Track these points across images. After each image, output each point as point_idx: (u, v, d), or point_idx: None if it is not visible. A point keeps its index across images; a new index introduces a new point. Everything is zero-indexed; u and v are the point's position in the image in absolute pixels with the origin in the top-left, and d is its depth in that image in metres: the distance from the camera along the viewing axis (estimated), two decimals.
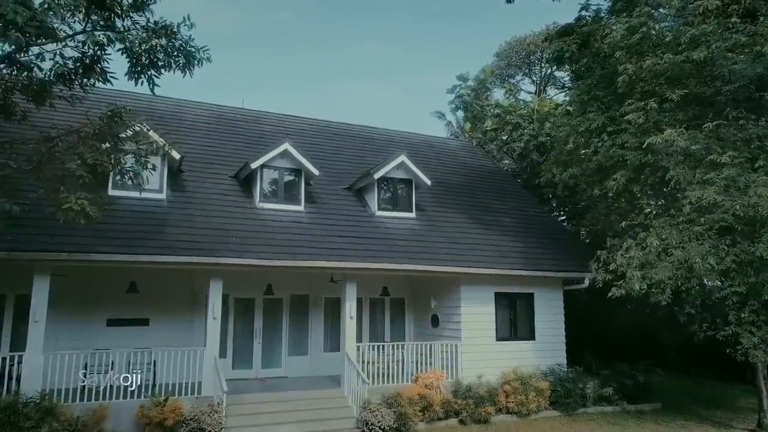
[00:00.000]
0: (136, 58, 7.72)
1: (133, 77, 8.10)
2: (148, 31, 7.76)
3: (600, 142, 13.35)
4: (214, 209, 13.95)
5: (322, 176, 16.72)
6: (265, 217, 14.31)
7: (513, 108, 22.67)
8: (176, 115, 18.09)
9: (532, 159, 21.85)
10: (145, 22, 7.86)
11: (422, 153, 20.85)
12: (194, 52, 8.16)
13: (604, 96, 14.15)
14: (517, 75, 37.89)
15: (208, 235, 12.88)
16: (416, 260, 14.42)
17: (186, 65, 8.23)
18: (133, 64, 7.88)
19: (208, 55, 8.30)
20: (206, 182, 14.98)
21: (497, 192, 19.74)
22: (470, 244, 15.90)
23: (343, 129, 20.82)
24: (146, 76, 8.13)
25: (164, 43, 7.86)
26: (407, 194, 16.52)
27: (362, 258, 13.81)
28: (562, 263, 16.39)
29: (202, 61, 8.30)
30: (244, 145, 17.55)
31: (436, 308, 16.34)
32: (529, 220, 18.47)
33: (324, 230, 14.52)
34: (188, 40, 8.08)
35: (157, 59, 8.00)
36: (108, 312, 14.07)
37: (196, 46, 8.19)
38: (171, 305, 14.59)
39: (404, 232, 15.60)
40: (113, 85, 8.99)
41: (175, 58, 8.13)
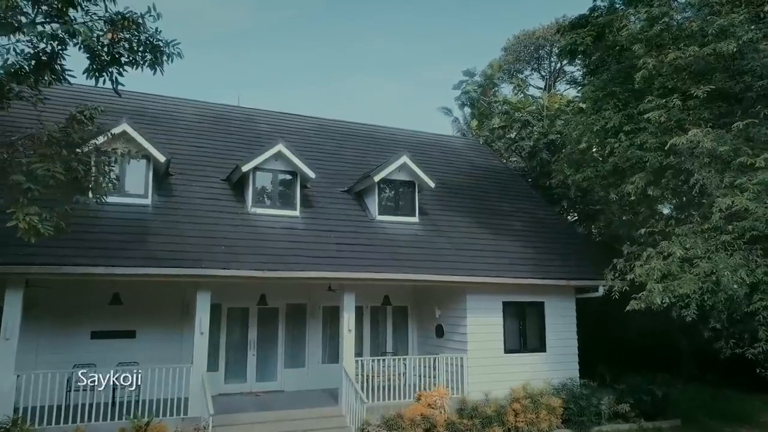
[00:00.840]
0: (94, 54, 6.82)
1: (93, 75, 7.20)
2: (108, 23, 6.85)
3: (617, 142, 12.36)
4: (203, 215, 13.09)
5: (320, 178, 15.82)
6: (258, 224, 13.42)
7: (522, 104, 21.67)
8: (169, 114, 17.23)
9: (541, 158, 20.86)
10: (104, 12, 6.95)
11: (426, 152, 19.90)
12: (162, 47, 7.25)
13: (621, 92, 13.13)
14: (526, 70, 36.85)
15: (194, 244, 12.02)
16: (419, 269, 13.51)
17: (154, 61, 7.33)
18: (91, 61, 7.00)
19: (179, 50, 7.37)
20: (196, 186, 14.11)
21: (505, 193, 18.77)
22: (477, 251, 14.96)
23: (344, 127, 19.90)
24: (108, 74, 7.22)
25: (127, 37, 6.94)
26: (410, 197, 15.59)
27: (361, 267, 12.92)
28: (574, 270, 15.42)
29: (173, 57, 7.40)
30: (239, 145, 16.67)
31: (440, 318, 15.42)
32: (539, 223, 17.50)
33: (321, 237, 13.62)
34: (155, 33, 7.16)
35: (120, 54, 7.09)
36: (92, 324, 13.27)
37: (165, 40, 7.28)
38: (159, 316, 13.77)
39: (406, 238, 14.69)
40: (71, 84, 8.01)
41: (140, 54, 7.22)
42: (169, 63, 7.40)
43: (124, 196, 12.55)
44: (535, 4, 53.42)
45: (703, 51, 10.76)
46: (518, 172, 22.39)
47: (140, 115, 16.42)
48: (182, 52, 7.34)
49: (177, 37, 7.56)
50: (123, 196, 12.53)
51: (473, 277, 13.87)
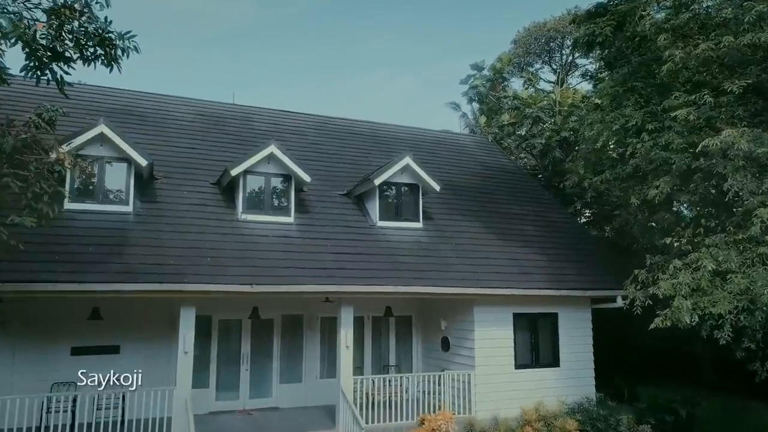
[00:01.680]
0: (32, 49, 5.83)
1: (33, 73, 6.20)
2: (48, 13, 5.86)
3: (639, 142, 11.25)
4: (189, 223, 12.12)
5: (317, 181, 14.83)
6: (248, 232, 12.45)
7: (533, 100, 20.53)
8: (158, 113, 16.26)
9: (554, 156, 19.72)
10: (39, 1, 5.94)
11: (431, 151, 18.84)
12: (114, 39, 6.24)
13: (643, 88, 12.01)
14: (536, 63, 35.59)
15: (178, 256, 11.06)
16: (423, 280, 12.50)
17: (107, 57, 6.33)
18: (29, 57, 6.00)
19: (135, 43, 6.36)
20: (183, 190, 13.15)
21: (516, 195, 17.68)
22: (485, 258, 13.92)
23: (345, 125, 18.85)
24: (50, 71, 6.22)
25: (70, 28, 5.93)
26: (413, 201, 14.55)
27: (360, 279, 11.93)
28: (590, 279, 14.35)
29: (128, 51, 6.39)
30: (233, 145, 15.68)
31: (446, 330, 14.41)
32: (553, 227, 16.40)
33: (316, 245, 12.63)
34: (104, 23, 6.14)
35: (64, 49, 6.09)
36: (72, 339, 12.38)
37: (117, 32, 6.27)
38: (145, 330, 12.86)
39: (409, 245, 13.66)
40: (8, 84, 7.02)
41: (89, 48, 6.21)
42: (124, 59, 6.42)
43: (101, 204, 11.63)
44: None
45: (739, 41, 9.62)
46: (529, 171, 21.27)
47: (127, 115, 15.54)
48: (139, 46, 6.33)
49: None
50: (101, 204, 11.62)
51: (481, 288, 12.84)
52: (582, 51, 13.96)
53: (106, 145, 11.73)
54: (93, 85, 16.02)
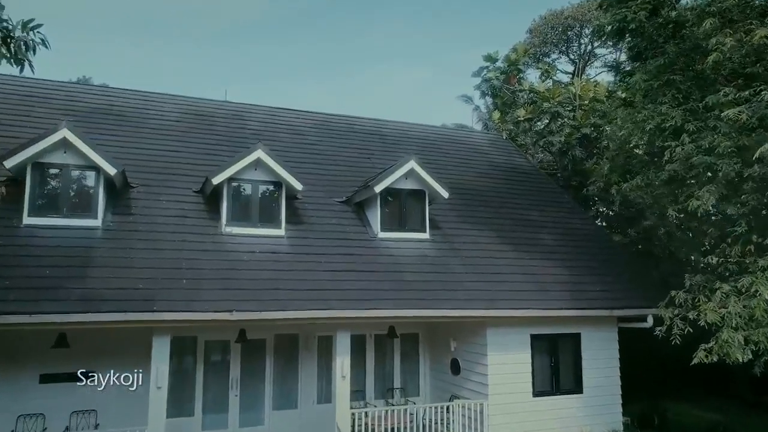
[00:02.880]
0: None
1: None
2: None
3: (679, 145, 9.70)
4: (165, 238, 10.79)
5: (314, 186, 13.48)
6: (232, 247, 11.09)
7: (550, 93, 18.96)
8: (140, 111, 14.91)
9: (574, 155, 18.15)
10: None
11: (440, 150, 17.35)
12: (10, 29, 4.88)
13: (681, 81, 10.44)
14: (553, 53, 33.86)
15: (149, 278, 9.74)
16: (429, 301, 11.09)
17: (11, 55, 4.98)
18: None
19: (42, 37, 5.02)
20: (162, 200, 11.81)
21: (533, 199, 16.15)
22: (499, 274, 12.47)
23: (346, 123, 17.40)
24: None
25: None
26: (419, 209, 13.10)
27: (359, 302, 10.55)
28: (617, 296, 12.84)
29: (35, 47, 5.05)
30: (221, 147, 14.33)
31: (456, 351, 13.00)
32: (574, 235, 14.88)
33: (309, 262, 11.26)
34: None
35: None
36: (41, 366, 11.14)
37: (11, 23, 4.89)
38: (122, 354, 11.51)
39: (415, 260, 12.24)
40: None
41: None
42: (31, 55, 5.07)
43: (65, 217, 10.32)
44: None
45: None
46: (546, 170, 19.71)
47: (105, 114, 14.25)
48: (47, 40, 4.97)
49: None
50: (64, 217, 10.32)
51: (495, 310, 11.40)
52: (610, 40, 12.37)
53: (70, 152, 10.42)
54: (68, 83, 14.80)
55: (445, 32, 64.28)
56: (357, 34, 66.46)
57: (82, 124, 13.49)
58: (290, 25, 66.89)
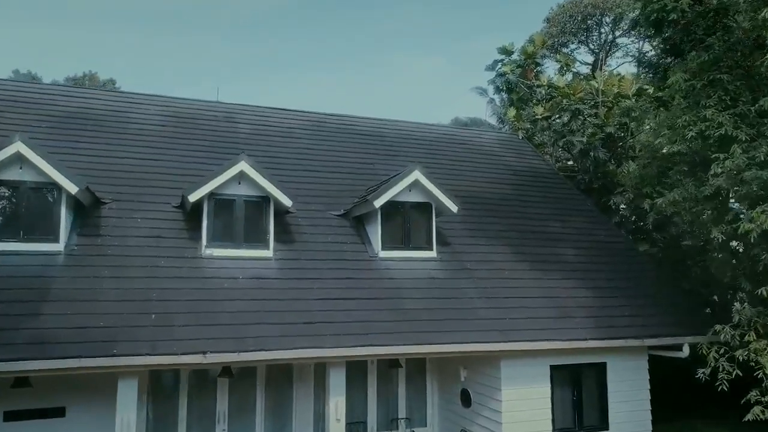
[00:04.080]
0: None
1: None
2: None
3: (729, 158, 8.22)
4: (136, 263, 9.55)
5: (308, 198, 12.23)
6: (212, 273, 9.82)
7: (571, 89, 17.43)
8: (122, 115, 13.65)
9: (596, 157, 16.63)
10: None
11: (448, 153, 15.90)
12: None
13: (729, 81, 8.93)
14: (572, 43, 32.12)
15: (113, 313, 8.51)
16: (436, 334, 9.77)
17: None
18: None
19: None
20: (137, 218, 10.55)
21: (554, 207, 14.67)
22: (516, 298, 11.09)
23: (345, 124, 15.98)
24: None
25: None
26: (425, 224, 11.72)
27: (354, 338, 9.26)
28: (649, 322, 11.41)
29: None
30: (208, 153, 13.04)
31: (466, 381, 11.66)
32: (599, 248, 13.42)
33: (300, 289, 9.96)
34: None
35: None
36: (4, 401, 9.99)
37: None
38: (97, 388, 10.39)
39: (419, 283, 10.90)
40: None
41: None
42: None
43: (22, 242, 9.11)
44: None
45: None
46: (565, 172, 18.18)
47: (83, 119, 13.02)
48: None
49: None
50: (21, 242, 9.10)
51: (511, 343, 10.04)
52: (646, 32, 10.84)
53: (27, 168, 9.19)
54: (44, 84, 13.60)
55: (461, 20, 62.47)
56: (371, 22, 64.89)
57: (56, 131, 12.34)
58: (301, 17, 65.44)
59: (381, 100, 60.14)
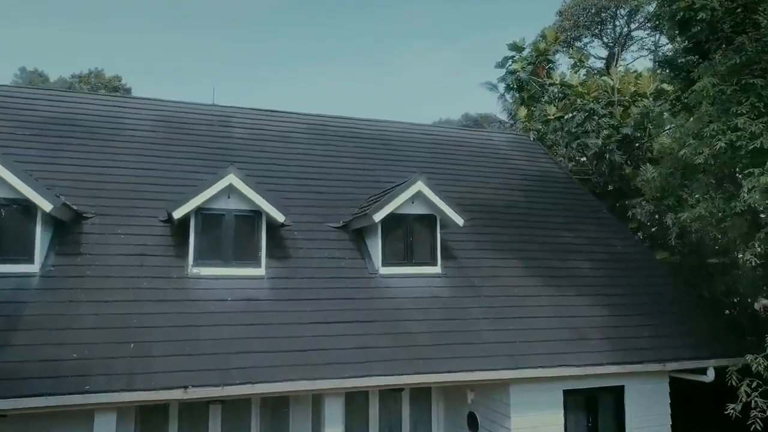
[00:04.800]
0: None
1: None
2: None
3: (764, 173, 7.39)
4: (117, 285, 8.90)
5: (306, 207, 11.56)
6: (198, 294, 9.15)
7: (585, 88, 16.55)
8: (111, 120, 12.97)
9: (611, 160, 15.76)
10: None
11: (455, 158, 15.10)
12: None
13: (763, 87, 8.07)
14: (585, 37, 31.08)
15: (91, 342, 7.88)
16: (440, 361, 9.05)
17: None
18: None
19: None
20: (120, 233, 9.89)
21: (567, 215, 13.85)
22: (526, 318, 10.32)
23: (345, 127, 15.18)
24: None
25: None
26: (428, 237, 10.97)
27: (350, 367, 8.56)
28: (670, 343, 10.61)
29: None
30: (201, 162, 12.34)
31: (473, 405, 10.93)
32: (615, 260, 12.60)
33: (293, 312, 9.27)
34: None
35: None
36: None
37: None
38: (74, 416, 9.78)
39: (423, 302, 10.17)
40: None
41: None
42: None
43: None
44: None
45: None
46: (579, 175, 17.31)
47: (69, 126, 12.39)
48: None
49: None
50: None
51: (520, 370, 9.29)
52: (669, 31, 9.94)
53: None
54: (29, 89, 13.01)
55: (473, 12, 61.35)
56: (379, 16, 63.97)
57: (40, 138, 11.73)
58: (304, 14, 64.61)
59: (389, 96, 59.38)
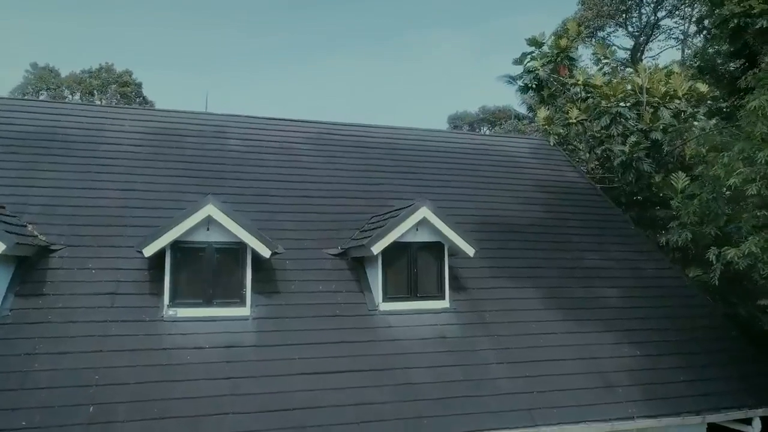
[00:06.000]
0: None
1: None
2: None
3: None
4: (80, 333, 7.89)
5: (302, 231, 10.51)
6: (173, 341, 8.12)
7: (611, 89, 15.14)
8: (94, 133, 11.96)
9: (639, 169, 14.40)
10: None
11: (468, 167, 13.83)
12: None
13: None
14: (608, 26, 29.47)
15: (44, 406, 6.89)
16: (448, 418, 7.94)
17: None
18: None
19: None
20: (91, 268, 8.87)
21: (591, 233, 12.55)
22: (546, 361, 9.14)
23: (350, 135, 13.95)
24: None
25: None
26: (435, 267, 9.79)
27: (348, 429, 7.46)
28: (709, 389, 9.39)
29: None
30: (190, 180, 11.27)
31: None
32: (645, 286, 11.30)
33: (281, 360, 8.20)
34: None
35: None
36: None
37: None
38: None
39: (429, 345, 9.03)
40: None
41: None
42: None
43: None
44: None
45: None
46: (603, 183, 15.94)
47: (48, 140, 11.43)
48: None
49: None
50: None
51: (538, 427, 8.12)
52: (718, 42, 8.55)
53: None
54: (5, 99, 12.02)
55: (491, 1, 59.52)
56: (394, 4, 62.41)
57: (13, 156, 10.76)
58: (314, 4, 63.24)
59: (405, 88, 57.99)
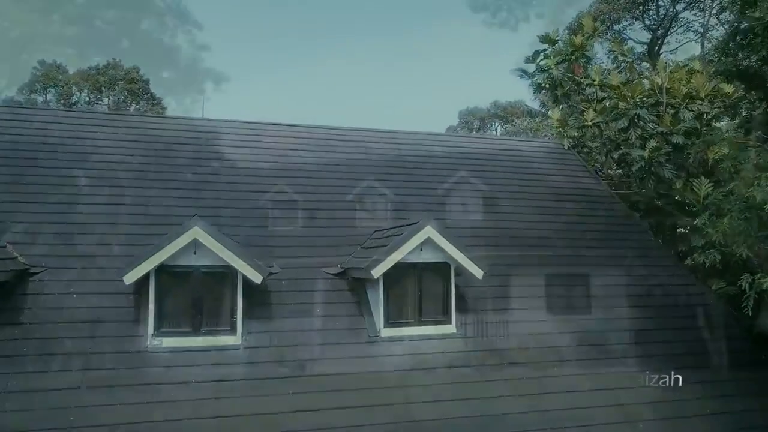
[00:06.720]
0: None
1: None
2: None
3: None
4: (57, 367, 7.33)
5: (299, 248, 9.86)
6: (158, 374, 7.54)
7: (630, 90, 14.33)
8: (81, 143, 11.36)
9: (659, 175, 13.57)
10: None
11: (477, 174, 13.01)
12: None
13: None
14: (625, 20, 28.44)
15: None
16: None
17: None
18: None
19: None
20: (72, 293, 8.30)
21: (610, 246, 11.76)
22: (561, 393, 8.45)
23: (354, 141, 13.18)
24: None
25: None
26: (441, 289, 9.12)
27: None
28: (738, 421, 8.62)
29: None
30: (183, 192, 10.68)
31: None
32: (667, 306, 10.54)
33: (272, 397, 7.60)
34: None
35: None
36: None
37: None
38: None
39: (434, 376, 8.38)
40: None
41: None
42: None
43: None
44: None
45: None
46: (620, 189, 15.14)
47: (34, 150, 10.84)
48: None
49: None
50: None
51: None
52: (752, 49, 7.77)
53: None
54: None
55: None
56: None
57: None
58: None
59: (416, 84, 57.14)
